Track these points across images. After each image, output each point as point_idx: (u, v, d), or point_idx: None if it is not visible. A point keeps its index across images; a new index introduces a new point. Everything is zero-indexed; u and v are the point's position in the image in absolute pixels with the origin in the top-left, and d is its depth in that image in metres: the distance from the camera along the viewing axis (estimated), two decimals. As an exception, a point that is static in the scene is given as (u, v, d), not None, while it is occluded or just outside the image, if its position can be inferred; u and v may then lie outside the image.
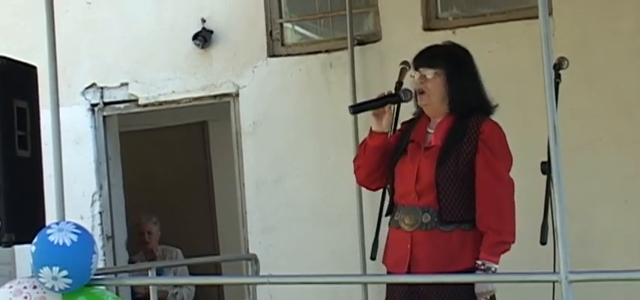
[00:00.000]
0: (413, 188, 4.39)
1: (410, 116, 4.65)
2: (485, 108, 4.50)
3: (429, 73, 4.45)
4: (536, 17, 4.07)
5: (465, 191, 4.36)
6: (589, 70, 6.32)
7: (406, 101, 4.44)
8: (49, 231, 4.32)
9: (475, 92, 4.51)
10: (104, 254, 7.57)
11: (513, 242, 4.37)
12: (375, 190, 4.70)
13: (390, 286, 4.45)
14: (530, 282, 4.13)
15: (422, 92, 4.43)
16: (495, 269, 4.26)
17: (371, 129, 4.40)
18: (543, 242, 4.47)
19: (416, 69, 4.50)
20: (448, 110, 4.46)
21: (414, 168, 4.41)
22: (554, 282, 4.09)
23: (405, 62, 5.40)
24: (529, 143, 6.12)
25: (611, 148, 6.39)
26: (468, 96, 4.47)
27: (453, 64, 4.48)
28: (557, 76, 4.61)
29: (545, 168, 4.50)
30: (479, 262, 4.26)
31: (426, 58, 4.51)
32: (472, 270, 4.28)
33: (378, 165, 4.47)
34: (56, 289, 4.32)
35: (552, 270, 4.27)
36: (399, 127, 4.78)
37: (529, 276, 4.12)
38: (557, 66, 4.63)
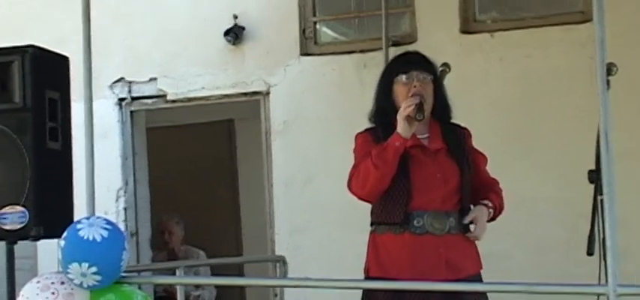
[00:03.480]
0: (441, 191, 4.28)
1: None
2: (452, 115, 4.51)
3: (426, 76, 4.37)
4: (575, 23, 3.93)
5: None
6: (634, 77, 6.19)
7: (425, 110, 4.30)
8: (79, 226, 4.22)
9: (448, 101, 4.50)
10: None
11: None
12: (372, 203, 4.43)
13: (411, 295, 4.24)
14: (577, 294, 3.99)
15: (420, 95, 4.27)
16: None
17: (399, 134, 4.20)
18: (590, 253, 4.34)
19: (406, 72, 4.35)
20: (431, 117, 4.39)
21: (437, 171, 4.30)
22: (599, 295, 3.95)
23: (445, 64, 5.26)
24: (567, 150, 6.03)
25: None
26: (448, 102, 4.48)
27: (436, 70, 4.49)
28: (606, 83, 4.44)
29: (593, 177, 4.35)
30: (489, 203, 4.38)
31: (420, 62, 4.41)
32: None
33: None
34: (85, 285, 4.22)
35: (594, 282, 4.17)
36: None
37: (575, 287, 3.98)
38: (606, 72, 4.48)
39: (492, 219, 4.43)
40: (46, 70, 4.92)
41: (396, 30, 6.91)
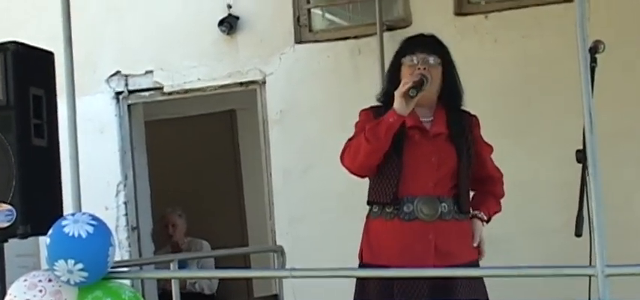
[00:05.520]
0: (433, 175, 4.27)
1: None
2: (462, 102, 4.48)
3: (433, 59, 4.34)
4: (572, 1, 3.87)
5: (470, 180, 4.39)
6: (626, 55, 6.11)
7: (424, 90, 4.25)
8: (64, 222, 4.21)
9: (460, 85, 4.46)
10: (129, 245, 7.46)
11: None
12: (364, 178, 4.45)
13: (398, 283, 4.23)
14: (565, 276, 3.94)
15: (423, 75, 4.25)
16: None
17: (394, 111, 4.18)
18: (578, 234, 4.29)
19: (413, 53, 4.36)
20: (438, 100, 4.38)
21: (431, 154, 4.27)
22: (590, 276, 3.89)
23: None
24: (565, 131, 5.92)
25: (650, 136, 6.18)
26: (459, 88, 4.44)
27: (448, 55, 4.44)
28: (593, 60, 4.40)
29: (581, 157, 4.30)
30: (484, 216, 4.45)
31: (429, 44, 4.41)
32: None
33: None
34: (72, 282, 4.21)
35: (588, 263, 4.11)
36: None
37: (563, 269, 3.93)
38: (593, 50, 4.43)
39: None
40: (30, 67, 4.90)
41: (390, 14, 6.84)
